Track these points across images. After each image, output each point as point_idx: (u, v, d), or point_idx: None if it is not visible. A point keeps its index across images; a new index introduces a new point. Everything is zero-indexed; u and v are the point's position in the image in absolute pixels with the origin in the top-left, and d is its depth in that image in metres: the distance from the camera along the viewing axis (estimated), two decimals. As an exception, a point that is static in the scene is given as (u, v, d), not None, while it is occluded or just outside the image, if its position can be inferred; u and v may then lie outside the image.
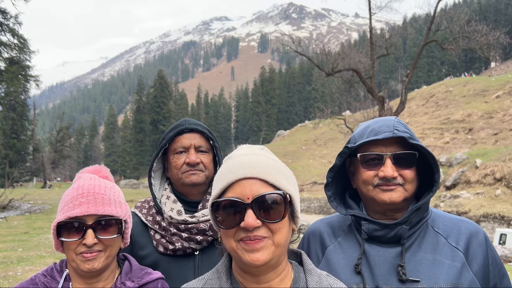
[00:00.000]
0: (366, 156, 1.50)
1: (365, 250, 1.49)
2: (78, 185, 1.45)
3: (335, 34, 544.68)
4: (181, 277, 1.73)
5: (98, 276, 1.45)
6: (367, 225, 1.49)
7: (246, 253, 1.08)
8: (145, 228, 1.87)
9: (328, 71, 24.39)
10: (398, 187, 1.46)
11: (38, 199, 32.23)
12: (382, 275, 1.44)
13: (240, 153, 1.18)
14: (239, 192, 1.09)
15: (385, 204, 1.47)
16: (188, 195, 1.91)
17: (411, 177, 1.47)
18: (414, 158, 1.48)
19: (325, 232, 1.64)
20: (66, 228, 1.39)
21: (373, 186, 1.48)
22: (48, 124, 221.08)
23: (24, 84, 42.73)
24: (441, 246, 1.47)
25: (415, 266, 1.43)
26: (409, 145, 1.48)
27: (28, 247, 12.81)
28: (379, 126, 1.50)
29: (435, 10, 23.23)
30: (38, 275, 1.49)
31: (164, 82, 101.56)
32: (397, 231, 1.46)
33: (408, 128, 1.52)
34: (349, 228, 1.60)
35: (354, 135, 1.57)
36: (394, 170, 1.45)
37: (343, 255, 1.53)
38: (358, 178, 1.55)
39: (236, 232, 1.09)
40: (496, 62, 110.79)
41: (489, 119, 50.94)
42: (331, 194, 1.61)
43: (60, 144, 63.02)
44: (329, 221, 1.69)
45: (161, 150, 1.91)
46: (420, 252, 1.46)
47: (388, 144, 1.48)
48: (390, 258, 1.46)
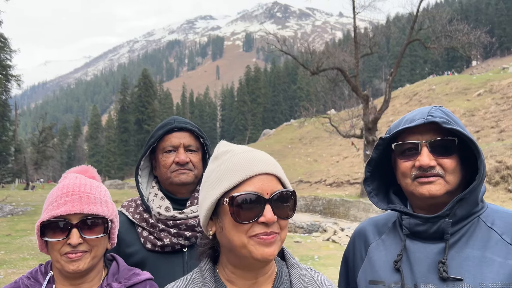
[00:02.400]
0: (401, 146, 1.41)
1: (406, 247, 1.40)
2: (63, 184, 1.43)
3: (320, 33, 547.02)
4: (170, 273, 1.71)
5: (83, 277, 1.42)
6: (408, 220, 1.40)
7: (260, 248, 1.07)
8: (132, 226, 1.84)
9: (313, 70, 24.52)
10: (438, 178, 1.34)
11: (21, 201, 31.67)
12: (422, 272, 1.34)
13: (243, 149, 1.18)
14: (259, 187, 1.09)
15: (425, 198, 1.36)
16: (176, 194, 1.89)
17: (451, 167, 1.35)
18: (453, 145, 1.35)
19: (370, 230, 1.57)
20: (51, 227, 1.36)
21: (411, 179, 1.38)
22: (30, 125, 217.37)
23: (5, 84, 41.94)
24: (493, 243, 1.32)
25: (460, 264, 1.30)
26: (450, 133, 1.36)
27: (11, 250, 12.60)
28: (415, 114, 1.42)
29: (417, 10, 23.54)
30: (22, 277, 1.46)
31: (149, 81, 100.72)
32: (440, 225, 1.34)
33: (448, 114, 1.40)
34: (393, 225, 1.51)
35: (391, 126, 1.49)
36: (432, 158, 1.34)
37: (385, 252, 1.46)
38: (397, 172, 1.45)
39: (251, 228, 1.08)
40: (477, 61, 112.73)
41: (471, 117, 51.78)
42: (371, 189, 1.52)
43: (42, 144, 62.06)
44: (375, 219, 1.61)
45: (149, 148, 1.87)
46: (467, 248, 1.33)
47: (424, 132, 1.37)
48: (432, 254, 1.35)
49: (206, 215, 1.16)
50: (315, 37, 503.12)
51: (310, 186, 46.46)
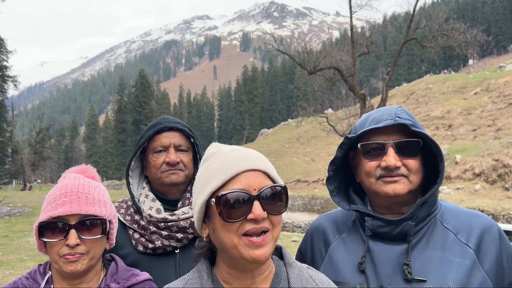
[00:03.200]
0: (367, 145, 1.42)
1: (369, 248, 1.41)
2: (62, 185, 1.42)
3: (317, 33, 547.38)
4: (162, 276, 1.70)
5: (82, 278, 1.42)
6: (371, 222, 1.41)
7: (250, 250, 1.05)
8: (123, 228, 1.82)
9: (310, 70, 24.50)
10: (402, 178, 1.37)
11: (18, 202, 31.57)
12: (386, 274, 1.36)
13: (230, 148, 1.17)
14: (246, 184, 1.07)
15: (389, 197, 1.38)
16: (167, 194, 1.86)
17: (415, 167, 1.38)
18: (418, 147, 1.39)
19: (329, 228, 1.56)
20: (49, 228, 1.36)
21: (375, 178, 1.40)
22: (27, 126, 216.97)
23: (2, 84, 41.78)
24: (450, 243, 1.37)
25: (422, 265, 1.34)
26: (413, 134, 1.39)
27: (8, 251, 12.57)
28: (381, 114, 1.42)
29: (414, 9, 23.56)
30: (21, 277, 1.46)
31: (146, 81, 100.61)
32: (403, 228, 1.37)
33: (412, 116, 1.44)
34: (353, 224, 1.52)
35: (356, 125, 1.50)
36: (397, 159, 1.36)
37: (346, 252, 1.46)
38: (360, 171, 1.46)
39: (240, 226, 1.06)
40: (474, 60, 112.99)
41: (468, 116, 51.91)
42: (333, 188, 1.53)
43: (40, 145, 61.80)
44: (333, 216, 1.61)
45: (139, 148, 1.85)
46: (428, 249, 1.37)
47: (390, 133, 1.39)
48: (395, 256, 1.37)
49: (198, 218, 1.15)
50: (312, 36, 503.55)
51: (308, 185, 46.50)
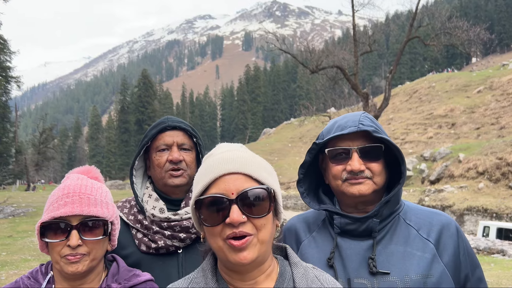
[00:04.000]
0: (333, 151, 1.52)
1: (338, 244, 1.51)
2: (64, 185, 1.43)
3: (319, 32, 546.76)
4: (165, 276, 1.71)
5: (83, 279, 1.42)
6: (339, 219, 1.51)
7: (233, 253, 1.05)
8: (126, 228, 1.83)
9: (312, 69, 24.48)
10: (367, 180, 1.47)
11: (22, 202, 31.70)
12: (354, 268, 1.45)
13: (221, 150, 1.16)
14: (223, 188, 1.06)
15: (355, 197, 1.48)
16: (170, 194, 1.88)
17: (378, 170, 1.49)
18: (380, 151, 1.50)
19: (300, 227, 1.64)
20: (51, 228, 1.36)
21: (342, 181, 1.50)
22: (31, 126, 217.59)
23: (5, 85, 41.90)
24: (412, 238, 1.48)
25: (386, 259, 1.44)
26: (376, 139, 1.49)
27: (12, 251, 12.62)
28: (346, 121, 1.52)
29: (417, 7, 23.49)
30: (23, 277, 1.47)
31: (148, 81, 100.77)
32: (368, 224, 1.47)
33: (375, 122, 1.54)
34: (323, 223, 1.61)
35: (323, 132, 1.59)
36: (361, 163, 1.47)
37: (317, 250, 1.54)
38: (328, 174, 1.56)
39: (222, 230, 1.06)
40: (477, 58, 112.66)
41: (471, 114, 51.75)
42: (303, 190, 1.62)
43: (43, 145, 62.00)
44: (304, 216, 1.70)
45: (143, 148, 1.87)
46: (391, 244, 1.47)
47: (354, 138, 1.49)
48: (362, 251, 1.47)
49: (195, 220, 1.15)
50: (314, 35, 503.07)
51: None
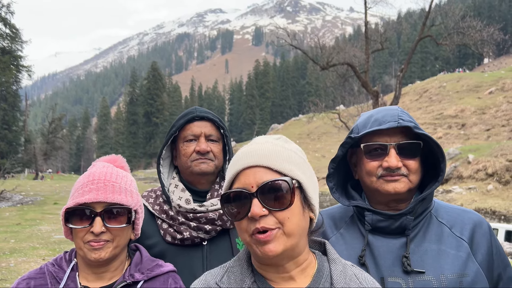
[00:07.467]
0: (369, 146, 1.46)
1: (368, 241, 1.46)
2: (90, 172, 1.43)
3: (330, 28, 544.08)
4: (189, 267, 1.70)
5: (106, 266, 1.43)
6: (371, 216, 1.46)
7: (260, 246, 1.04)
8: (152, 218, 1.84)
9: (322, 65, 24.39)
10: (403, 177, 1.43)
11: (30, 191, 32.04)
12: (387, 266, 1.41)
13: (246, 145, 1.16)
14: (244, 182, 1.07)
15: (390, 194, 1.44)
16: (196, 184, 1.88)
17: (415, 168, 1.44)
18: (419, 148, 1.45)
19: (327, 224, 1.59)
20: (75, 214, 1.37)
21: (377, 177, 1.45)
22: (40, 115, 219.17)
23: (16, 74, 42.28)
24: (446, 237, 1.45)
25: (420, 257, 1.41)
26: (413, 135, 1.45)
27: (21, 239, 12.75)
28: (383, 115, 1.47)
29: (430, 5, 23.28)
30: (47, 263, 1.47)
31: (158, 74, 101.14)
32: (402, 222, 1.43)
33: (411, 117, 1.49)
34: (351, 219, 1.56)
35: (357, 125, 1.53)
36: (399, 160, 1.42)
37: (345, 247, 1.50)
38: (361, 169, 1.51)
39: (247, 225, 1.06)
40: (489, 58, 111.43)
41: (481, 115, 51.32)
42: (332, 185, 1.57)
43: (52, 135, 62.46)
44: (330, 212, 1.65)
45: (170, 137, 1.88)
46: (425, 242, 1.44)
47: (392, 134, 1.45)
48: (394, 249, 1.43)
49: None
50: (325, 32, 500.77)
51: (318, 181, 46.45)
